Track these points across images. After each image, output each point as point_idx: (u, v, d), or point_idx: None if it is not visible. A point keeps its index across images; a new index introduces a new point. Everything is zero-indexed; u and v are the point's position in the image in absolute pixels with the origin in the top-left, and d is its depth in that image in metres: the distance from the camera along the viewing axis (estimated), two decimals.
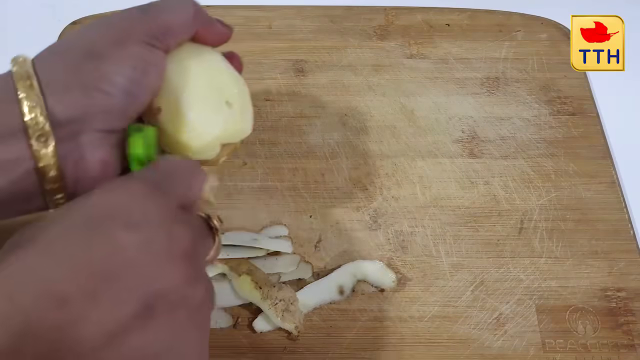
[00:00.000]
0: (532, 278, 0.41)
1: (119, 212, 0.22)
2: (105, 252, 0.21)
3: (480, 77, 0.52)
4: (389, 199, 0.45)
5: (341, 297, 0.40)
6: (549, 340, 0.39)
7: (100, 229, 0.21)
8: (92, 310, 0.20)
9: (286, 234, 0.43)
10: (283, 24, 0.55)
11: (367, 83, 0.51)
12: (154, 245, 0.22)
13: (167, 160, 0.27)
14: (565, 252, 0.42)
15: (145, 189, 0.23)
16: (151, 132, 0.28)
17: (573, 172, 0.46)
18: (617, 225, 0.44)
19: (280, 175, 0.46)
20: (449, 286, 0.41)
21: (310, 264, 0.42)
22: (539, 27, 0.55)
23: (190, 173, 0.26)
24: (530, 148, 0.47)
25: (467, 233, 0.43)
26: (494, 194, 0.45)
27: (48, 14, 0.56)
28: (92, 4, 0.55)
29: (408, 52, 0.53)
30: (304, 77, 0.51)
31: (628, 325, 0.39)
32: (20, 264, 0.20)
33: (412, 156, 0.47)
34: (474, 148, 0.48)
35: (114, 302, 0.20)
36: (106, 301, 0.20)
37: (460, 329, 0.39)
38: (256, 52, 0.53)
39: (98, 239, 0.21)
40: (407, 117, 0.49)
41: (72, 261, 0.21)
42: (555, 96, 0.51)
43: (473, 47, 0.54)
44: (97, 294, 0.20)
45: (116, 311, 0.20)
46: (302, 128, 0.48)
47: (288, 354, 0.38)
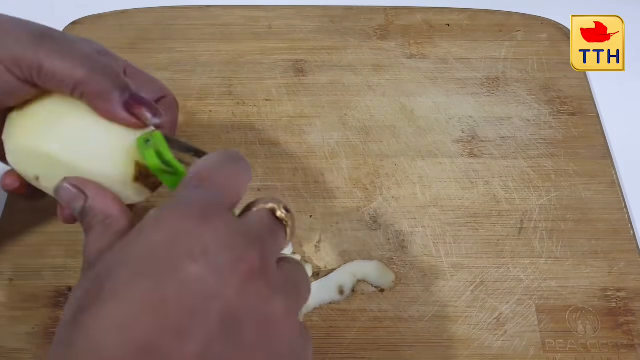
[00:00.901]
0: (532, 278, 0.41)
1: (180, 245, 0.22)
2: (178, 288, 0.21)
3: (480, 77, 0.52)
4: (389, 199, 0.45)
5: (341, 297, 0.40)
6: (549, 340, 0.39)
7: (167, 267, 0.21)
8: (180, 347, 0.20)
9: None
10: (283, 24, 0.55)
11: (367, 83, 0.51)
12: (224, 269, 0.22)
13: (200, 164, 0.26)
14: (565, 252, 0.42)
15: (197, 212, 0.23)
16: (158, 136, 0.28)
17: (573, 172, 0.46)
18: (617, 225, 0.44)
19: (280, 175, 0.46)
20: (449, 286, 0.41)
21: (310, 264, 0.42)
22: (539, 27, 0.55)
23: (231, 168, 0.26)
24: (530, 148, 0.48)
25: (467, 233, 0.43)
26: (494, 194, 0.45)
27: (48, 14, 0.56)
28: (92, 4, 0.55)
29: (408, 52, 0.53)
30: (304, 77, 0.51)
31: (628, 325, 0.39)
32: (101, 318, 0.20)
33: (412, 156, 0.47)
34: (474, 148, 0.48)
35: (200, 332, 0.20)
36: (193, 334, 0.20)
37: (460, 329, 0.39)
38: (256, 52, 0.53)
39: (168, 277, 0.21)
40: (407, 117, 0.49)
41: (150, 306, 0.20)
42: (555, 96, 0.51)
43: (473, 47, 0.54)
44: (183, 330, 0.20)
45: (204, 340, 0.20)
46: (302, 128, 0.48)
47: None
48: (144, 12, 0.55)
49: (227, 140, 0.47)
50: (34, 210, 0.44)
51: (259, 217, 0.26)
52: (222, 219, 0.23)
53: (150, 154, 0.27)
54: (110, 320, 0.20)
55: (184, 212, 0.23)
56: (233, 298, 0.21)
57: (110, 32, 0.53)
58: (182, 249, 0.22)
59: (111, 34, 0.53)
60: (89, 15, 0.54)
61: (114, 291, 0.21)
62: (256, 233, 0.24)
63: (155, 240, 0.22)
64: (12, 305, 0.40)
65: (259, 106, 0.49)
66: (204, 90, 0.50)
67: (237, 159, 0.26)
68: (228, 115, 0.49)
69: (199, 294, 0.21)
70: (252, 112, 0.49)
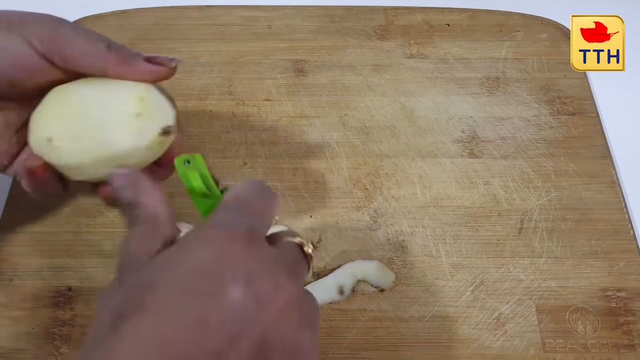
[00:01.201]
0: (532, 278, 0.41)
1: (226, 268, 0.22)
2: (221, 311, 0.21)
3: (480, 77, 0.52)
4: (389, 199, 0.45)
5: (341, 297, 0.40)
6: (549, 340, 0.39)
7: (211, 287, 0.22)
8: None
9: None
10: (283, 24, 0.55)
11: (367, 83, 0.51)
12: (265, 297, 0.22)
13: (238, 190, 0.26)
14: (565, 252, 0.42)
15: (244, 237, 0.23)
16: (199, 158, 0.29)
17: (573, 172, 0.46)
18: (617, 225, 0.44)
19: (280, 175, 0.46)
20: (449, 286, 0.41)
21: None
22: (539, 27, 0.55)
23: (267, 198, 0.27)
24: (530, 148, 0.47)
25: (467, 233, 0.43)
26: (494, 194, 0.45)
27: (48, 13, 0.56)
28: (93, 4, 0.55)
29: (408, 52, 0.53)
30: (304, 77, 0.51)
31: (628, 325, 0.39)
32: (142, 330, 0.20)
33: (412, 156, 0.47)
34: (474, 148, 0.48)
35: (235, 358, 0.21)
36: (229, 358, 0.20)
37: (460, 329, 0.39)
38: (256, 52, 0.53)
39: (211, 298, 0.21)
40: (407, 117, 0.49)
41: (191, 325, 0.21)
42: (555, 96, 0.51)
43: (473, 47, 0.54)
44: (221, 355, 0.20)
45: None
46: (302, 128, 0.48)
47: None
48: (144, 12, 0.55)
49: (227, 140, 0.47)
50: (34, 210, 0.44)
51: (290, 250, 0.26)
52: (264, 247, 0.24)
53: (195, 175, 0.27)
54: (151, 335, 0.20)
55: (230, 236, 0.23)
56: (270, 326, 0.22)
57: (110, 32, 0.53)
58: (228, 273, 0.22)
59: (111, 34, 0.52)
60: (89, 15, 0.54)
61: (157, 305, 0.21)
62: (292, 265, 0.25)
63: (202, 260, 0.23)
64: (12, 305, 0.40)
65: (259, 106, 0.49)
66: (204, 90, 0.50)
67: (269, 189, 0.27)
68: (228, 115, 0.49)
69: (239, 318, 0.21)
70: (252, 112, 0.49)
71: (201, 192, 0.27)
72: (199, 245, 0.23)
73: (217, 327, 0.21)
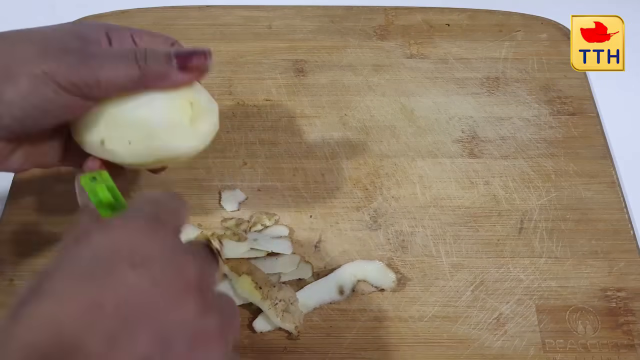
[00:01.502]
0: (532, 278, 0.41)
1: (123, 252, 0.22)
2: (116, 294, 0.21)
3: (480, 77, 0.52)
4: (389, 199, 0.45)
5: (341, 297, 0.40)
6: (549, 340, 0.39)
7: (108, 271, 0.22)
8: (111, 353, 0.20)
9: (286, 234, 0.43)
10: (283, 24, 0.55)
11: (367, 83, 0.51)
12: (162, 281, 0.22)
13: (153, 195, 0.27)
14: (565, 252, 0.42)
15: (145, 225, 0.24)
16: (106, 175, 0.29)
17: (573, 172, 0.46)
18: (617, 225, 0.44)
19: (280, 175, 0.46)
20: (449, 286, 0.41)
21: (310, 264, 0.42)
22: (539, 27, 0.55)
23: (174, 202, 0.27)
24: (530, 148, 0.47)
25: (467, 233, 0.43)
26: (494, 194, 0.45)
27: (48, 14, 0.56)
28: (92, 4, 0.55)
29: (408, 52, 0.53)
30: (304, 77, 0.51)
31: (628, 325, 0.39)
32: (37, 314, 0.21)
33: (412, 156, 0.47)
34: (474, 148, 0.48)
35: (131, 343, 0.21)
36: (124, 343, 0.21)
37: (460, 329, 0.39)
38: (256, 52, 0.53)
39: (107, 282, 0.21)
40: (407, 117, 0.49)
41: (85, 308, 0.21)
42: (555, 96, 0.51)
43: (473, 47, 0.54)
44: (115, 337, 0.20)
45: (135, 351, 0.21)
46: (302, 128, 0.48)
47: (288, 354, 0.38)
48: (143, 12, 0.55)
49: (227, 140, 0.47)
50: (34, 210, 0.44)
51: (196, 245, 0.27)
52: (167, 235, 0.24)
53: (102, 188, 0.28)
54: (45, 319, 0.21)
55: (131, 222, 0.24)
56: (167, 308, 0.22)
57: None
58: (125, 257, 0.22)
59: None
60: (89, 15, 0.54)
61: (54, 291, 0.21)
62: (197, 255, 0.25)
63: (101, 246, 0.23)
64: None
65: (259, 106, 0.49)
66: None
67: (173, 194, 0.28)
68: (228, 115, 0.49)
69: (134, 301, 0.21)
70: (252, 112, 0.49)
71: (109, 203, 0.27)
72: (99, 232, 0.23)
73: (111, 310, 0.21)
